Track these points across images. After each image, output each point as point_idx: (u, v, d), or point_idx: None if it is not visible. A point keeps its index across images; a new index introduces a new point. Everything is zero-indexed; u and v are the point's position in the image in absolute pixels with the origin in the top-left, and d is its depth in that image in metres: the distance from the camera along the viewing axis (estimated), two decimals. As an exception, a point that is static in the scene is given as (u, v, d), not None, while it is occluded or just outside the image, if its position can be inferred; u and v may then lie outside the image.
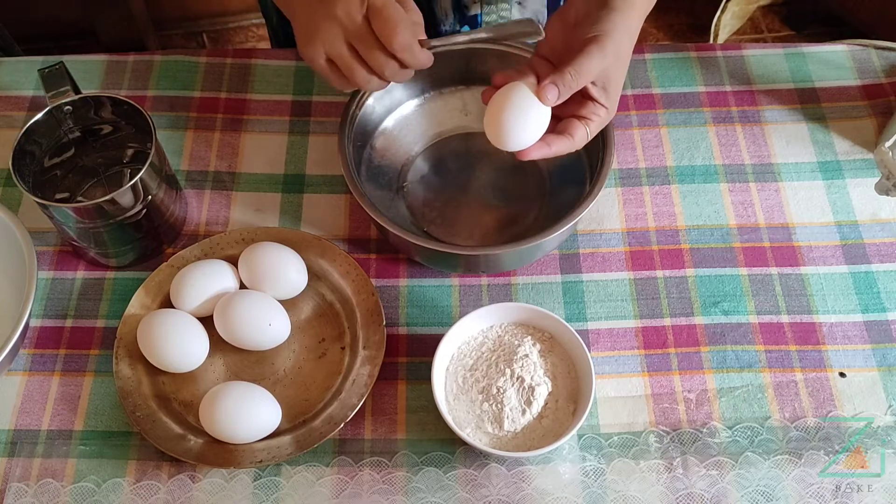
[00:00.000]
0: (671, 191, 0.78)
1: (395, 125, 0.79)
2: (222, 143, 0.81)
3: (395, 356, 0.69)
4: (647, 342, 0.70)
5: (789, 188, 0.78)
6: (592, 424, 0.66)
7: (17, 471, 0.64)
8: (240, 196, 0.78)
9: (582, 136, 0.62)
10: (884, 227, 0.75)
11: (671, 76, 0.85)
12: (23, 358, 0.69)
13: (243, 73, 0.85)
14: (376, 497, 0.63)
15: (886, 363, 0.69)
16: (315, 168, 0.79)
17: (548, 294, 0.72)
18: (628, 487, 0.63)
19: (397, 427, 0.66)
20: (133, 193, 0.67)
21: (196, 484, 0.63)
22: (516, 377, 0.63)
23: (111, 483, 0.64)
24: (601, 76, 0.60)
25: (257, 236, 0.73)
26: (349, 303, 0.71)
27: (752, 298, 0.72)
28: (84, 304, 0.72)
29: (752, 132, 0.81)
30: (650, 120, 0.82)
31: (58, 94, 0.69)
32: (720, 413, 0.67)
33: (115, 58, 0.86)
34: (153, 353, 0.66)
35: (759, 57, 0.86)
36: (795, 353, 0.69)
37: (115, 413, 0.67)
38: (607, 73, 0.60)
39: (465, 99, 0.80)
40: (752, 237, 0.75)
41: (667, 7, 1.94)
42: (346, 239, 0.76)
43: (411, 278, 0.73)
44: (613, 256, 0.74)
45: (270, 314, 0.68)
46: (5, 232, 0.68)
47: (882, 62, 0.86)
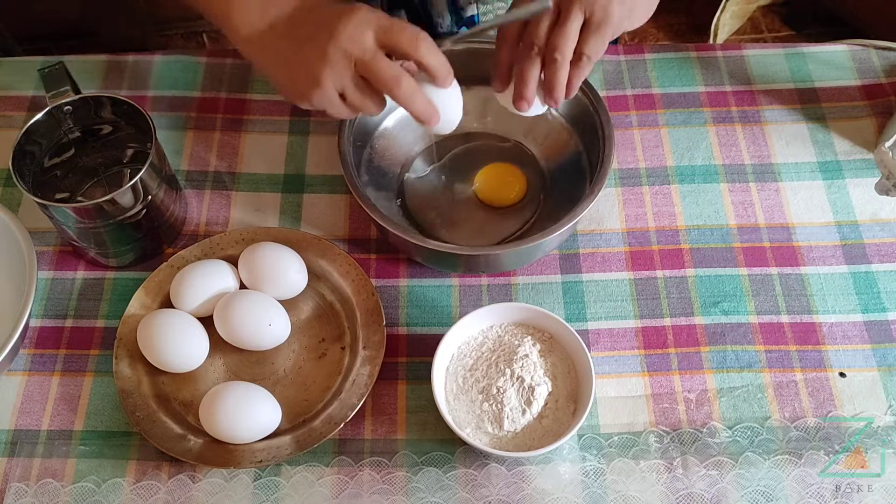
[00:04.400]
0: (671, 191, 0.78)
1: (395, 125, 0.79)
2: (222, 143, 0.81)
3: (395, 356, 0.69)
4: (647, 342, 0.70)
5: (789, 188, 0.78)
6: (592, 424, 0.66)
7: (17, 471, 0.64)
8: (240, 196, 0.78)
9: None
10: (884, 227, 0.75)
11: (671, 76, 0.85)
12: (23, 358, 0.69)
13: (243, 73, 0.85)
14: (376, 497, 0.63)
15: (886, 363, 0.69)
16: (315, 168, 0.79)
17: (548, 294, 0.72)
18: (628, 487, 0.63)
19: (397, 427, 0.66)
20: (133, 193, 0.67)
21: (196, 484, 0.63)
22: (516, 377, 0.63)
23: (111, 483, 0.64)
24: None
25: (257, 236, 0.73)
26: (349, 303, 0.71)
27: (752, 298, 0.72)
28: (84, 304, 0.72)
29: (752, 132, 0.81)
30: (650, 120, 0.82)
31: (58, 94, 0.69)
32: (720, 413, 0.67)
33: (115, 58, 0.86)
34: (153, 353, 0.66)
35: (759, 57, 0.86)
36: (795, 353, 0.69)
37: (115, 413, 0.67)
38: None
39: (466, 99, 0.80)
40: (752, 237, 0.75)
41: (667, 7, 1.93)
42: (346, 239, 0.76)
43: (411, 278, 0.73)
44: (613, 256, 0.74)
45: (270, 314, 0.68)
46: (5, 232, 0.68)
47: (882, 62, 0.86)
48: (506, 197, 0.76)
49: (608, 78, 0.85)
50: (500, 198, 0.76)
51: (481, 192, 0.76)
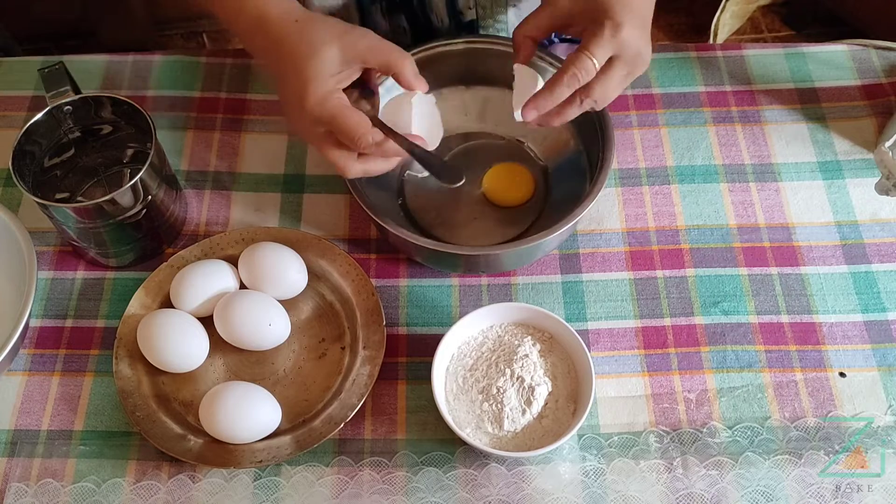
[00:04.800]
0: (671, 191, 0.78)
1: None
2: (222, 143, 0.81)
3: (395, 356, 0.69)
4: (647, 342, 0.70)
5: (789, 188, 0.78)
6: (592, 424, 0.66)
7: (17, 471, 0.64)
8: (240, 196, 0.78)
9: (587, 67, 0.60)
10: (884, 227, 0.75)
11: (671, 76, 0.85)
12: (23, 358, 0.69)
13: (243, 73, 0.85)
14: (376, 497, 0.63)
15: (886, 363, 0.69)
16: (315, 168, 0.79)
17: (548, 294, 0.72)
18: (628, 487, 0.63)
19: (397, 427, 0.66)
20: (133, 193, 0.67)
21: (196, 484, 0.63)
22: (516, 377, 0.63)
23: (111, 483, 0.64)
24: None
25: (257, 236, 0.73)
26: (349, 303, 0.71)
27: (752, 298, 0.72)
28: (84, 304, 0.72)
29: (752, 132, 0.81)
30: (650, 120, 0.82)
31: (58, 94, 0.69)
32: (720, 413, 0.67)
33: (115, 58, 0.86)
34: (153, 353, 0.66)
35: (759, 57, 0.86)
36: (795, 353, 0.69)
37: (115, 413, 0.67)
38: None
39: (465, 99, 0.80)
40: (752, 237, 0.75)
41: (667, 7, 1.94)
42: (346, 239, 0.76)
43: (411, 278, 0.73)
44: (613, 256, 0.74)
45: (270, 314, 0.68)
46: (5, 232, 0.68)
47: (882, 62, 0.86)
48: (515, 197, 0.76)
49: (608, 78, 0.85)
50: (509, 197, 0.76)
51: (491, 191, 0.76)
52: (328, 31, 0.59)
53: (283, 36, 0.60)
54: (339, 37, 0.59)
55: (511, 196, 0.76)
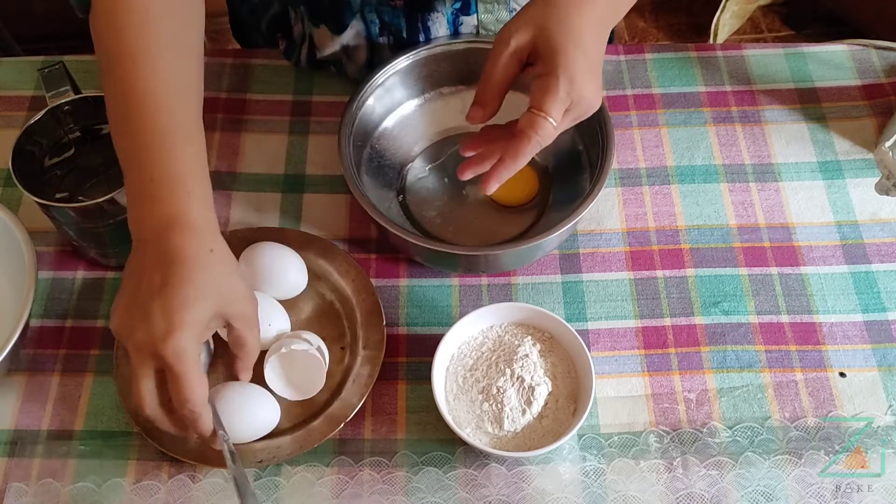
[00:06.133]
0: (671, 191, 0.78)
1: (395, 125, 0.79)
2: (222, 143, 0.81)
3: (395, 356, 0.69)
4: (647, 342, 0.70)
5: (789, 188, 0.78)
6: (592, 424, 0.66)
7: (17, 471, 0.64)
8: (240, 196, 0.78)
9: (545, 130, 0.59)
10: (884, 227, 0.75)
11: (671, 76, 0.85)
12: (23, 358, 0.69)
13: (243, 73, 0.85)
14: (376, 497, 0.63)
15: (886, 363, 0.69)
16: (315, 168, 0.79)
17: (548, 294, 0.72)
18: (628, 487, 0.63)
19: (397, 427, 0.66)
20: (133, 193, 0.67)
21: (196, 484, 0.63)
22: (516, 377, 0.63)
23: (111, 483, 0.64)
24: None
25: (257, 236, 0.73)
26: (349, 303, 0.71)
27: (752, 298, 0.72)
28: (84, 304, 0.72)
29: (752, 132, 0.81)
30: (650, 120, 0.82)
31: (58, 94, 0.69)
32: (720, 413, 0.67)
33: (115, 58, 0.86)
34: (153, 353, 0.66)
35: (759, 57, 0.86)
36: (795, 353, 0.69)
37: (115, 413, 0.67)
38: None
39: (465, 99, 0.80)
40: (752, 237, 0.75)
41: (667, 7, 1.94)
42: (346, 239, 0.76)
43: (411, 278, 0.73)
44: (613, 256, 0.74)
45: (270, 314, 0.67)
46: (5, 232, 0.68)
47: (882, 62, 0.86)
48: (520, 196, 0.75)
49: (608, 78, 0.85)
50: (514, 197, 0.75)
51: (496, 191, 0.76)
52: (224, 282, 0.57)
53: (189, 258, 0.54)
54: (226, 293, 0.57)
55: (513, 196, 0.76)
